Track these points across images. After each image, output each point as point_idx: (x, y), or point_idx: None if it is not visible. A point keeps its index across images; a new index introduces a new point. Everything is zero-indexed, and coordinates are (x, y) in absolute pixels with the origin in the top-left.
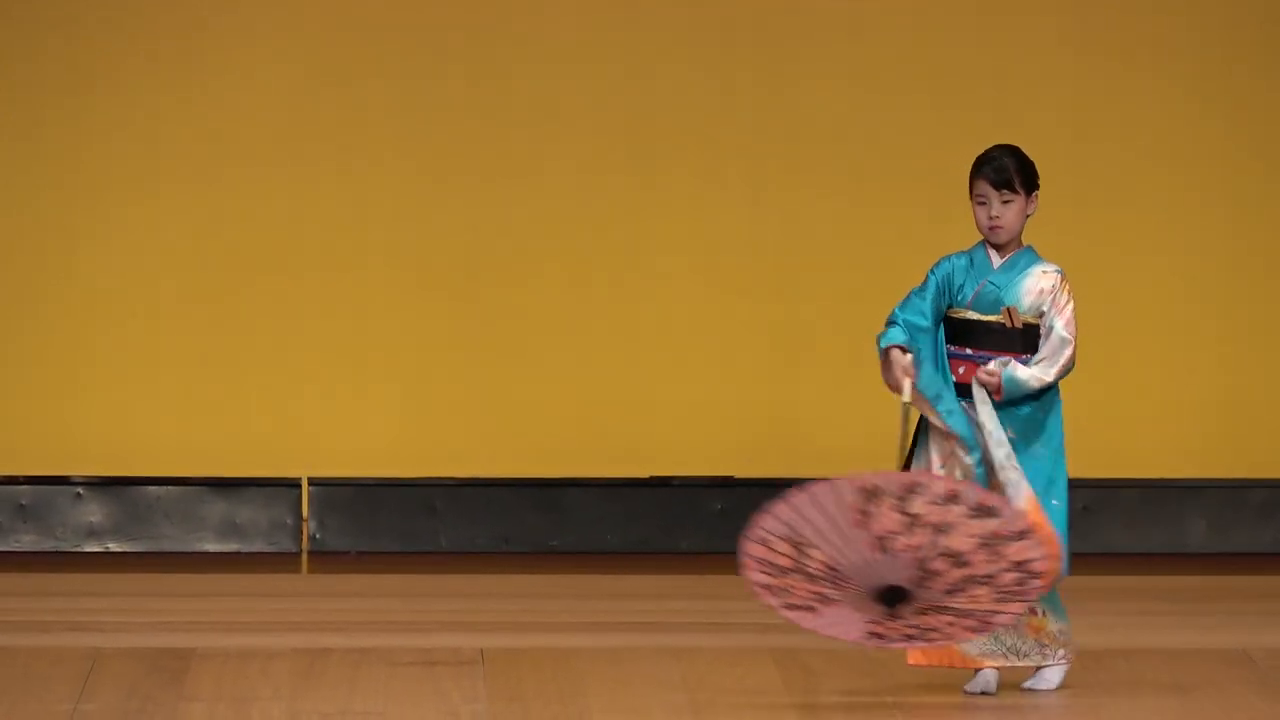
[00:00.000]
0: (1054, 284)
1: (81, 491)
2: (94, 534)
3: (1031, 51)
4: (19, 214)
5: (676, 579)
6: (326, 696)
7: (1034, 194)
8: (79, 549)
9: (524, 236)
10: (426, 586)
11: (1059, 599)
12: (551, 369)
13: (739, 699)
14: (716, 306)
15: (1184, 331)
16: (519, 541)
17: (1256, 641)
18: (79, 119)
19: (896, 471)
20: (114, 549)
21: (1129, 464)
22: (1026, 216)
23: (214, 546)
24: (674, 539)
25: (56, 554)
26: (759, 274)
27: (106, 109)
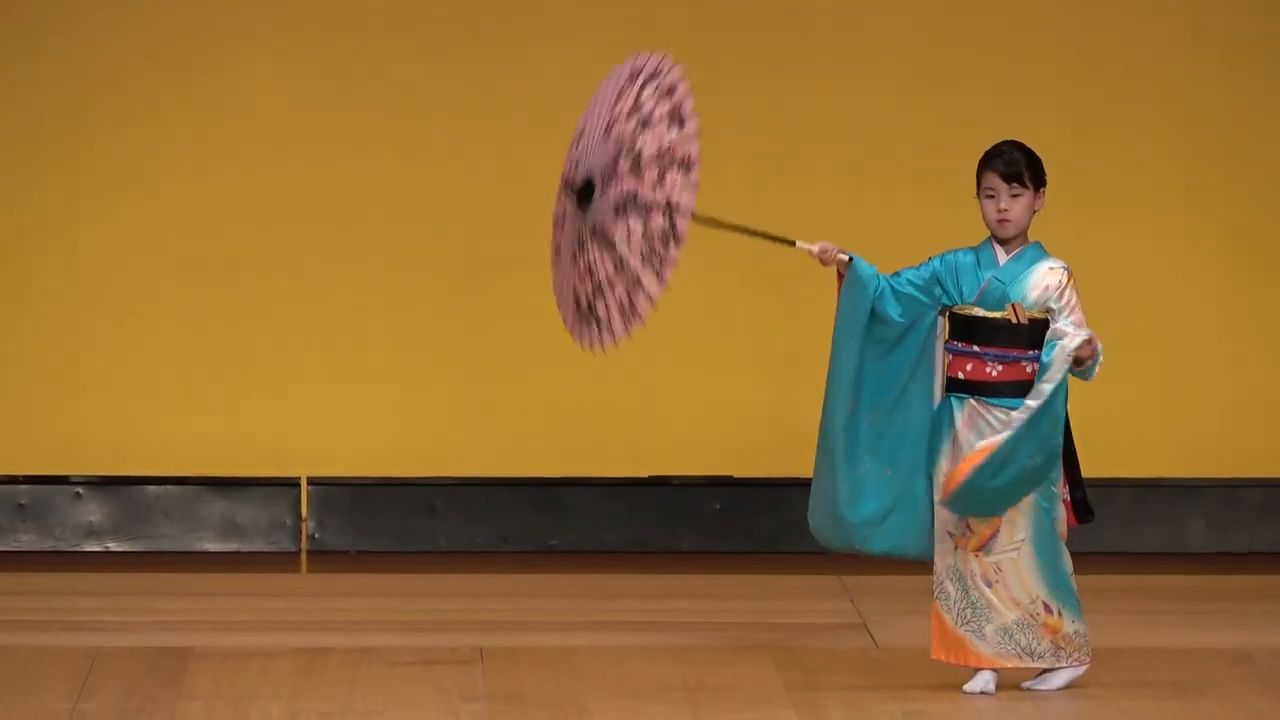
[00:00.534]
0: (1060, 280)
1: (81, 491)
2: (93, 533)
3: (1031, 51)
4: (18, 214)
5: (676, 578)
6: (326, 696)
7: (1041, 190)
8: (78, 548)
9: (523, 236)
10: (426, 586)
11: (1077, 599)
12: (551, 369)
13: (738, 698)
14: (716, 306)
15: (1183, 331)
16: (518, 541)
17: (1256, 641)
18: (79, 119)
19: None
20: (113, 548)
21: (1128, 463)
22: (1033, 212)
23: (213, 546)
24: (673, 538)
25: (55, 553)
26: (758, 274)
27: (106, 109)
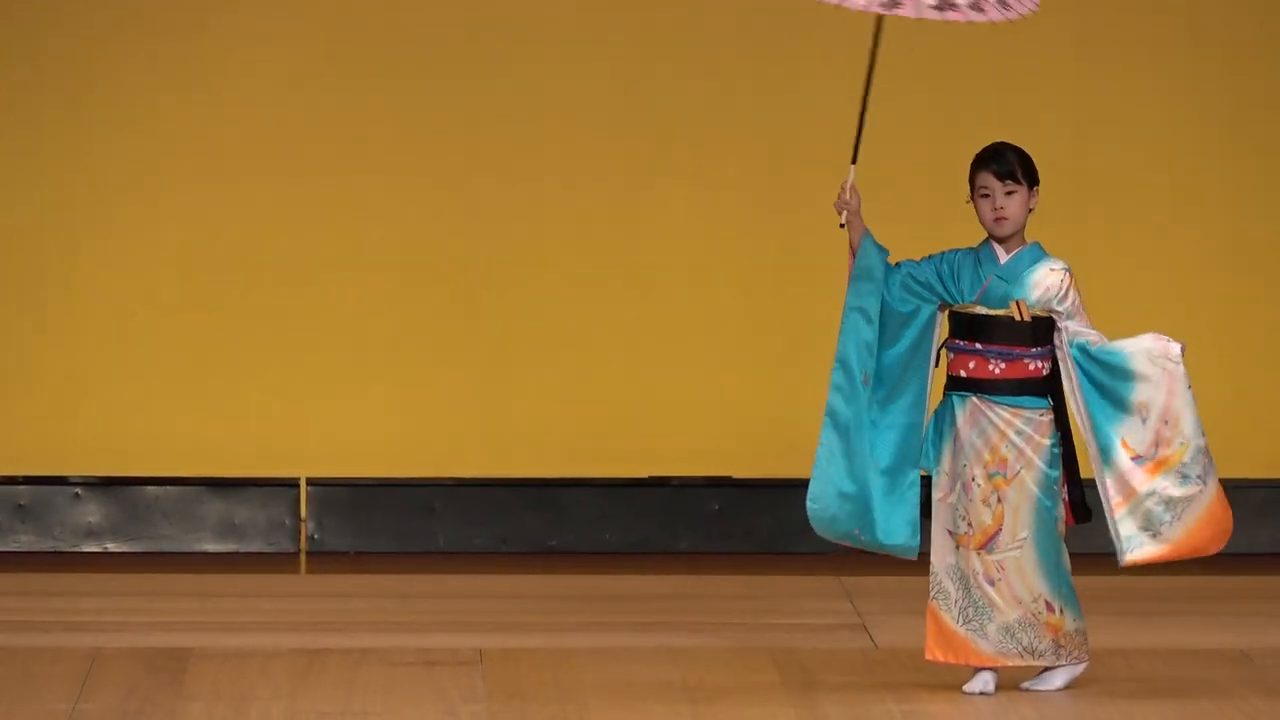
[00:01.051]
0: (1061, 280)
1: (80, 491)
2: (92, 534)
3: (1031, 51)
4: (17, 214)
5: (675, 579)
6: (325, 696)
7: (1035, 188)
8: (77, 549)
9: (521, 236)
10: (425, 587)
11: (1076, 597)
12: (549, 369)
13: (737, 699)
14: (715, 306)
15: (1181, 332)
16: (517, 541)
17: (1255, 642)
18: (79, 119)
19: None
20: (112, 549)
21: None
22: (1029, 210)
23: (212, 546)
24: (673, 539)
25: (55, 554)
26: (758, 274)
27: (106, 109)
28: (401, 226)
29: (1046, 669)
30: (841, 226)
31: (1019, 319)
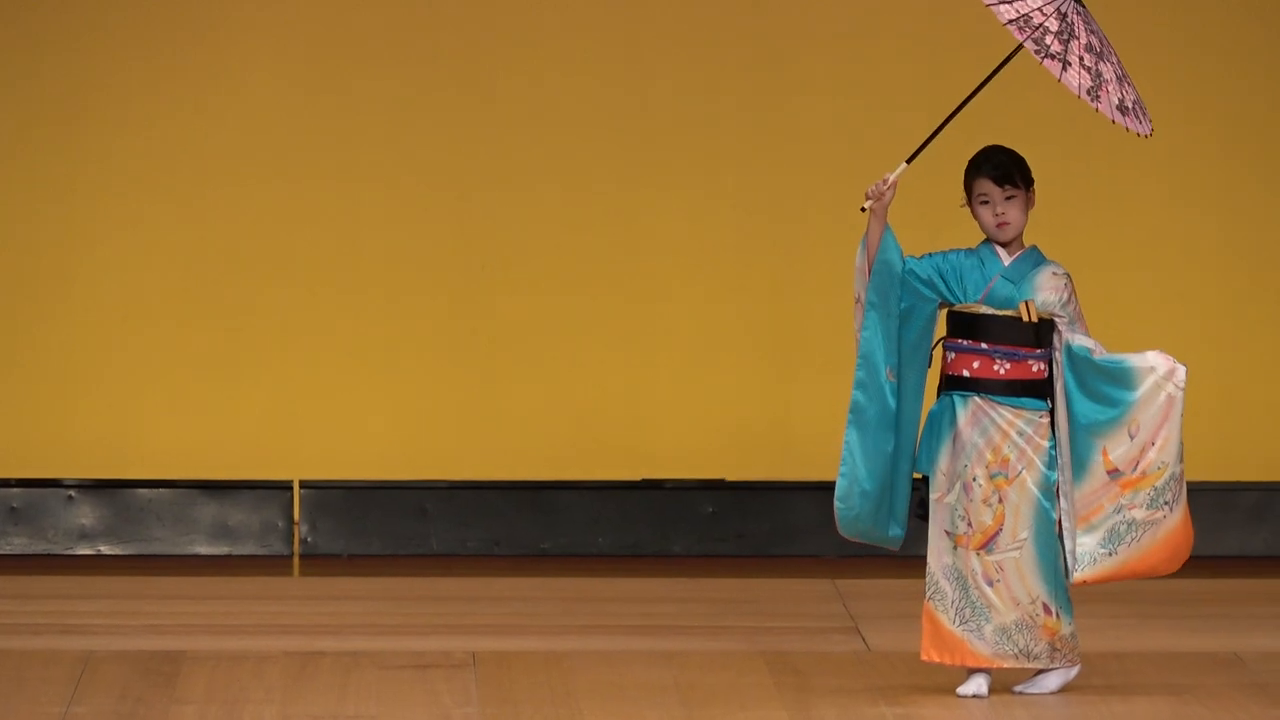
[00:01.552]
0: (1063, 286)
1: (73, 494)
2: (85, 537)
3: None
4: (14, 217)
5: (668, 582)
6: (318, 699)
7: (1031, 189)
8: (70, 552)
9: (516, 240)
10: (418, 589)
11: (1070, 600)
12: (543, 372)
13: (731, 702)
14: (708, 310)
15: (1174, 335)
16: (510, 544)
17: (1248, 644)
18: (77, 123)
19: None
20: (105, 552)
21: None
22: (1027, 212)
23: (205, 549)
24: (666, 542)
25: (48, 557)
26: (751, 278)
27: (105, 112)
28: (394, 231)
29: (1040, 672)
30: (863, 210)
31: (1027, 320)
